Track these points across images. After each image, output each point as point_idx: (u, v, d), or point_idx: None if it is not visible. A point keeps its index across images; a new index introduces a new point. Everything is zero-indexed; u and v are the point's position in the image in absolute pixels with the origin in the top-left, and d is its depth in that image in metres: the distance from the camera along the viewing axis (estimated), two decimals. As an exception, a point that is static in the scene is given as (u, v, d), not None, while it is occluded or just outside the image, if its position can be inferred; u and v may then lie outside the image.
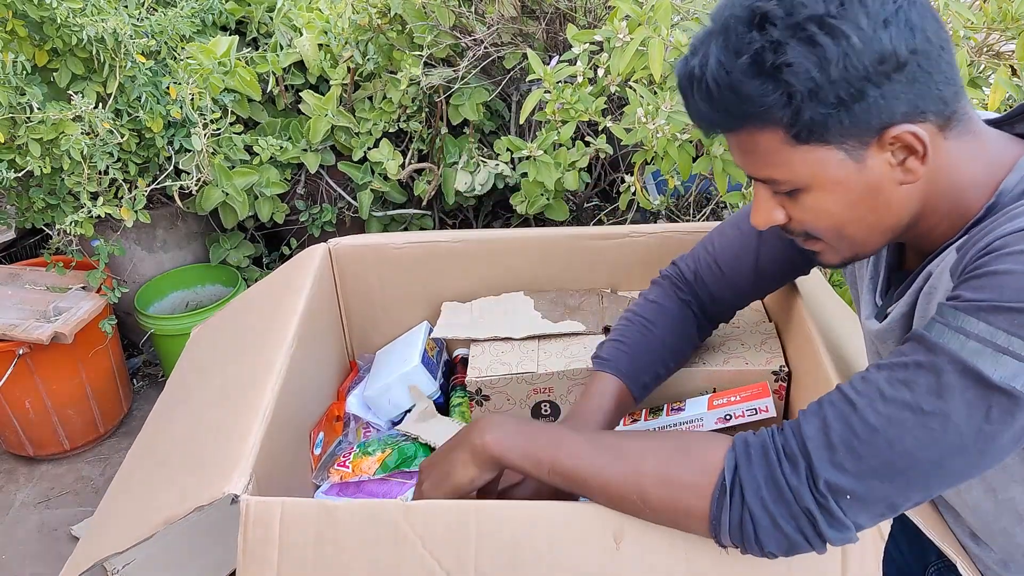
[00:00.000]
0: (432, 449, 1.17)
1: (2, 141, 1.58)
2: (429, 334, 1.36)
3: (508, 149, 1.87)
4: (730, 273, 1.07)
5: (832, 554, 0.74)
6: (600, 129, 1.58)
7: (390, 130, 1.96)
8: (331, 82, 1.92)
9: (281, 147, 1.90)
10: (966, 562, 0.78)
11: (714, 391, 1.17)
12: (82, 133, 1.62)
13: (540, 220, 2.01)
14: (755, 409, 1.13)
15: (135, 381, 2.20)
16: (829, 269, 0.82)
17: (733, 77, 0.68)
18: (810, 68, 0.66)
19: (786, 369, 1.16)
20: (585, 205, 2.09)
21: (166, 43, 1.84)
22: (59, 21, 1.56)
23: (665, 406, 1.17)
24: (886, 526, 0.75)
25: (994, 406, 0.62)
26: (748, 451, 0.70)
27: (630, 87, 1.44)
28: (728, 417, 1.13)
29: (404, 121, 1.96)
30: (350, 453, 1.15)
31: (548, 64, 1.53)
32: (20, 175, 1.65)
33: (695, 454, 0.73)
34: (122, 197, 1.78)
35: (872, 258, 0.88)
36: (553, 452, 0.77)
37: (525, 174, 1.72)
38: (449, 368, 1.38)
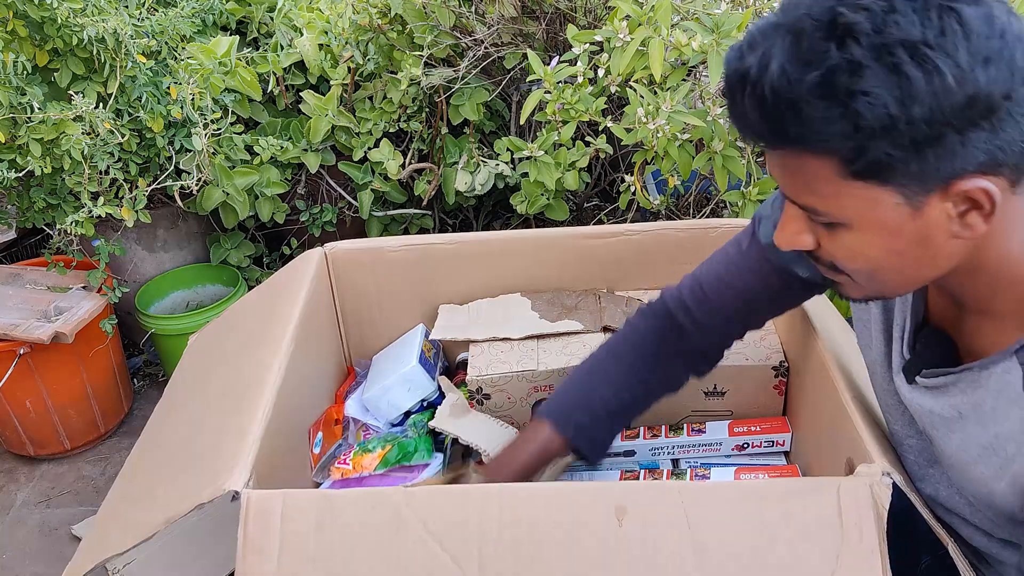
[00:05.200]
0: (470, 450, 1.14)
1: (3, 141, 1.58)
2: (425, 336, 1.36)
3: (508, 149, 1.87)
4: (714, 297, 0.98)
5: (833, 530, 0.74)
6: (600, 129, 1.58)
7: (390, 130, 1.97)
8: (331, 82, 1.92)
9: (281, 147, 1.90)
10: (956, 548, 0.78)
11: (731, 420, 1.17)
12: (83, 133, 1.62)
13: (540, 220, 2.02)
14: (772, 441, 1.14)
15: (136, 381, 2.20)
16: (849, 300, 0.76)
17: (796, 92, 0.59)
18: (889, 103, 0.57)
19: (786, 364, 1.17)
20: (585, 205, 2.09)
21: (167, 43, 1.84)
22: (60, 21, 1.56)
23: (686, 426, 1.17)
24: (886, 497, 0.75)
25: None
26: None
27: (630, 87, 1.45)
28: (745, 445, 1.14)
29: (404, 121, 1.96)
30: (350, 452, 1.15)
31: (548, 64, 1.53)
32: (21, 175, 1.65)
33: None
34: (123, 197, 1.79)
35: (896, 302, 0.82)
36: None
37: (525, 174, 1.73)
38: (448, 372, 1.38)
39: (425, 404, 1.28)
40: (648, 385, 1.03)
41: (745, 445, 1.15)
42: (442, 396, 1.31)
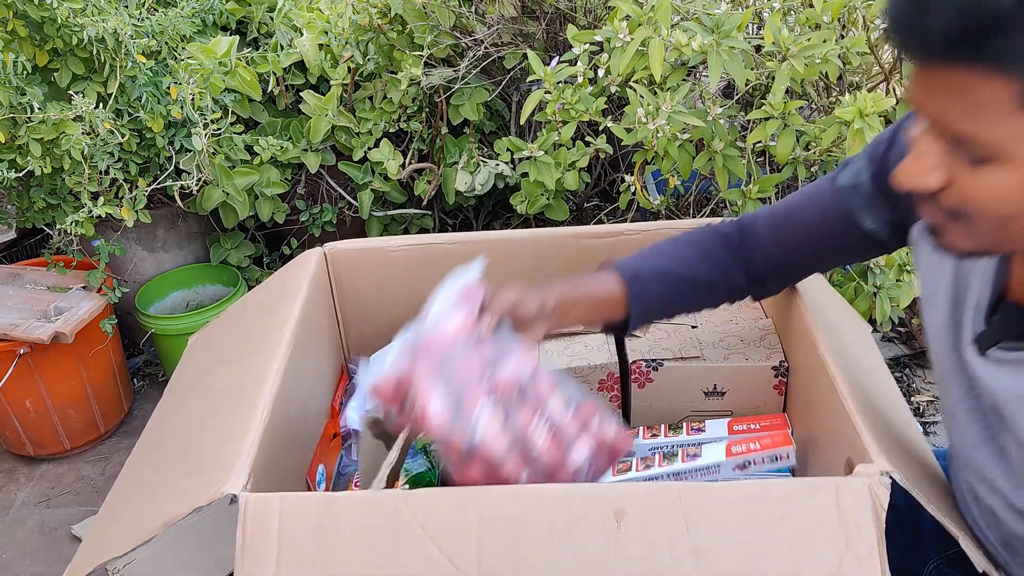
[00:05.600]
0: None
1: (3, 141, 1.58)
2: None
3: (508, 149, 1.87)
4: (782, 227, 0.97)
5: (832, 531, 0.74)
6: (600, 129, 1.58)
7: (390, 130, 1.97)
8: (331, 82, 1.92)
9: (281, 147, 1.90)
10: (968, 541, 0.77)
11: (730, 419, 1.16)
12: (83, 133, 1.62)
13: (540, 220, 2.02)
14: (776, 456, 1.10)
15: (135, 381, 2.20)
16: (947, 254, 0.72)
17: (1003, 5, 0.54)
18: None
19: (786, 364, 1.16)
20: (585, 205, 2.09)
21: (167, 43, 1.84)
22: (60, 21, 1.57)
23: (685, 425, 1.17)
24: (885, 497, 0.75)
25: None
26: None
27: (630, 87, 1.45)
28: (747, 465, 1.11)
29: (404, 121, 1.96)
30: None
31: (548, 64, 1.53)
32: (21, 175, 1.65)
33: None
34: (123, 197, 1.79)
35: (974, 271, 0.79)
36: None
37: (525, 174, 1.73)
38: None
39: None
40: (711, 278, 1.01)
41: (746, 464, 1.13)
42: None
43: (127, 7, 1.79)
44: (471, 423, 0.81)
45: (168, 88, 1.76)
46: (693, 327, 1.25)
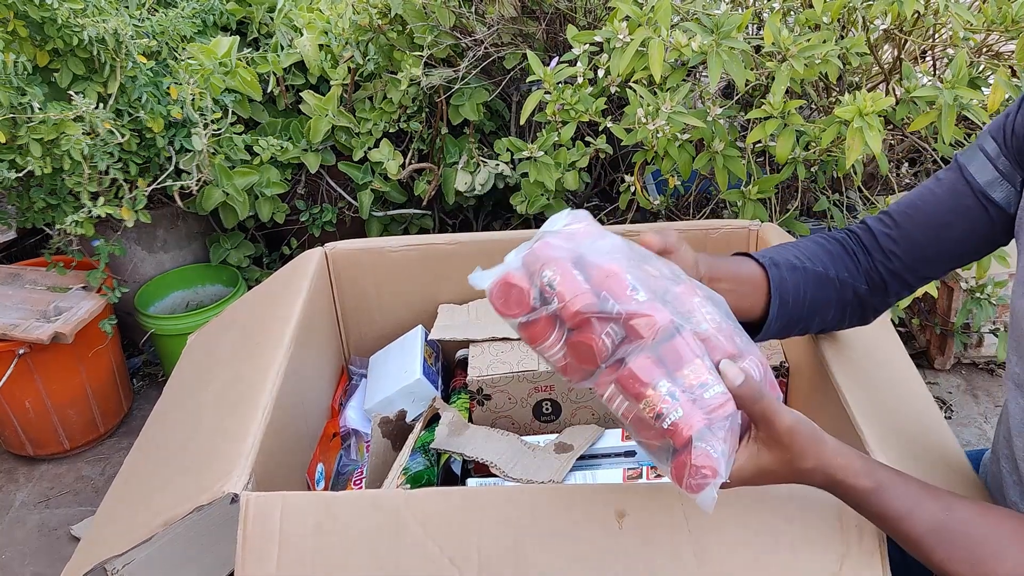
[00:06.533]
0: (474, 462, 1.13)
1: (3, 141, 1.58)
2: (424, 338, 1.35)
3: (508, 149, 1.87)
4: (902, 220, 0.92)
5: (834, 532, 0.74)
6: (600, 129, 1.58)
7: (390, 130, 1.97)
8: (331, 82, 1.92)
9: (281, 147, 1.90)
10: None
11: None
12: (83, 133, 1.62)
13: (540, 220, 2.01)
14: None
15: (135, 381, 2.20)
16: None
17: None
18: None
19: (786, 365, 1.17)
20: (585, 205, 2.09)
21: (167, 43, 1.84)
22: (60, 22, 1.57)
23: None
24: None
25: None
26: None
27: (630, 87, 1.45)
28: None
29: (404, 121, 1.96)
30: (362, 471, 1.15)
31: (548, 64, 1.53)
32: (21, 175, 1.65)
33: None
34: (123, 197, 1.79)
35: None
36: (904, 507, 0.72)
37: (525, 174, 1.73)
38: (447, 371, 1.38)
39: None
40: (840, 275, 0.95)
41: None
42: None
43: (127, 7, 1.79)
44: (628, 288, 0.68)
45: (168, 88, 1.76)
46: (693, 327, 1.25)
